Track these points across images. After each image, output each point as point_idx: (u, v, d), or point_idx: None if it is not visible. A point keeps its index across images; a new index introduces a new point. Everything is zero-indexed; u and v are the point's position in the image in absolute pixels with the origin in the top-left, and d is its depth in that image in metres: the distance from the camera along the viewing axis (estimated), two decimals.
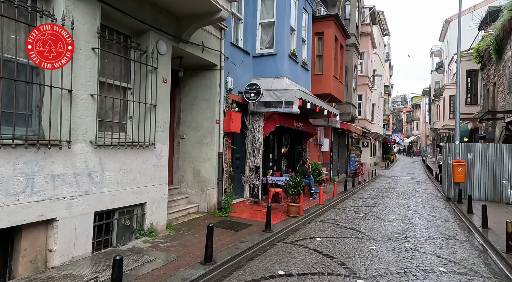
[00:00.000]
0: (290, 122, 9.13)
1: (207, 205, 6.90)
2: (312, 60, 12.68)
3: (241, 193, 8.36)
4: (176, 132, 7.24)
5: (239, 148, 8.29)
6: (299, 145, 11.44)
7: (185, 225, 5.90)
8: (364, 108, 22.67)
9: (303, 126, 10.11)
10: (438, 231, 6.45)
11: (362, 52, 22.39)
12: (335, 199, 10.23)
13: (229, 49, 7.41)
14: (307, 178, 10.02)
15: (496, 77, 13.80)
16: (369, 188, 14.29)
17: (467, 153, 10.87)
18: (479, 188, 10.63)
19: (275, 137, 10.21)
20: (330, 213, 8.06)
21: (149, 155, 5.06)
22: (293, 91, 7.66)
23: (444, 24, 31.24)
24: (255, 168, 8.29)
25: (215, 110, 6.94)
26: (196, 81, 7.11)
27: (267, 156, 9.55)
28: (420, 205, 9.78)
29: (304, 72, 9.77)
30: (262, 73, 8.41)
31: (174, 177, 7.18)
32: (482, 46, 15.55)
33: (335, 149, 17.36)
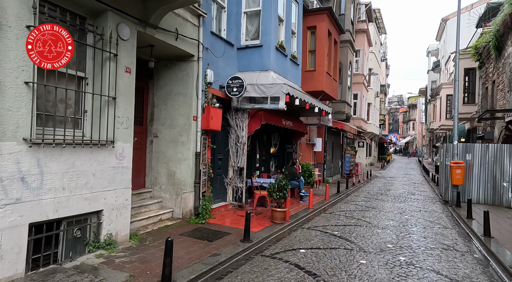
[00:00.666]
0: (278, 120, 8.48)
1: (182, 210, 6.24)
2: (304, 55, 12.07)
3: (223, 196, 7.71)
4: (149, 129, 6.56)
5: (222, 147, 7.64)
6: (290, 144, 10.82)
7: (153, 234, 5.23)
8: (360, 107, 22.12)
9: (293, 124, 9.47)
10: (436, 240, 5.84)
11: (358, 49, 21.83)
12: (327, 202, 9.62)
13: (209, 39, 6.75)
14: (296, 180, 9.40)
15: (495, 75, 13.28)
16: (363, 189, 13.71)
17: (466, 153, 10.32)
18: (478, 191, 10.08)
19: (263, 136, 9.56)
20: (319, 219, 7.44)
21: (106, 155, 4.39)
22: (279, 86, 7.02)
23: (441, 23, 30.83)
24: (239, 169, 7.64)
25: (192, 106, 6.27)
26: (171, 73, 6.44)
27: (253, 156, 8.91)
28: (416, 209, 9.20)
29: (293, 66, 9.13)
30: (247, 66, 7.76)
31: (147, 179, 6.50)
32: (480, 44, 15.04)
33: (329, 149, 16.77)
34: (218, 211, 7.19)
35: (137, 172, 6.32)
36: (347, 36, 16.64)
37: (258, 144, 9.29)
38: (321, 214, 8.05)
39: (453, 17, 29.89)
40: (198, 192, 6.34)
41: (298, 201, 9.35)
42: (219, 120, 6.67)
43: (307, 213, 7.84)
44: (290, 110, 9.89)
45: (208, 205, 6.43)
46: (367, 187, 14.83)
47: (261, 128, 9.02)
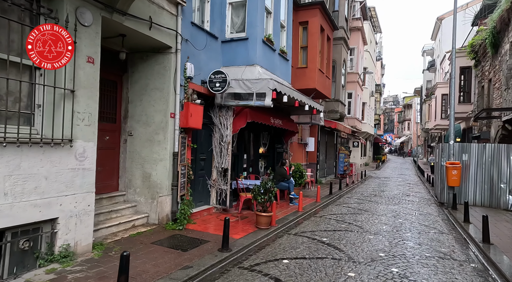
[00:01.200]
0: (266, 118, 8.01)
1: (158, 215, 5.74)
2: (295, 52, 11.63)
3: (206, 199, 7.22)
4: (123, 127, 6.05)
5: (205, 147, 7.15)
6: (280, 144, 10.36)
7: (122, 243, 4.73)
8: (354, 106, 21.76)
9: (283, 123, 9.01)
10: (431, 247, 5.42)
11: (352, 48, 21.46)
12: (318, 204, 9.17)
13: (189, 30, 6.25)
14: (286, 182, 8.94)
15: (492, 73, 12.96)
16: (357, 190, 13.30)
17: (462, 154, 9.96)
18: (475, 192, 9.72)
19: (251, 135, 9.09)
20: (308, 223, 6.98)
21: (63, 155, 3.88)
22: (265, 82, 6.55)
23: (436, 22, 30.64)
24: (223, 170, 7.16)
25: (169, 102, 5.77)
26: (147, 66, 5.94)
27: (240, 156, 8.43)
28: (411, 211, 8.79)
29: (282, 62, 8.67)
30: (232, 60, 7.27)
31: (120, 181, 5.99)
32: (476, 41, 14.72)
33: (323, 148, 16.35)
34: (199, 215, 6.69)
35: (109, 173, 5.81)
36: (341, 33, 16.24)
37: (245, 144, 8.81)
38: (311, 217, 7.60)
39: (448, 16, 29.71)
40: (175, 195, 5.84)
41: (287, 204, 8.90)
42: (199, 118, 6.18)
43: (296, 216, 7.38)
44: (279, 108, 9.44)
45: (187, 209, 5.94)
46: (361, 188, 14.43)
47: (249, 127, 8.55)
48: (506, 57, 10.90)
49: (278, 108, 9.27)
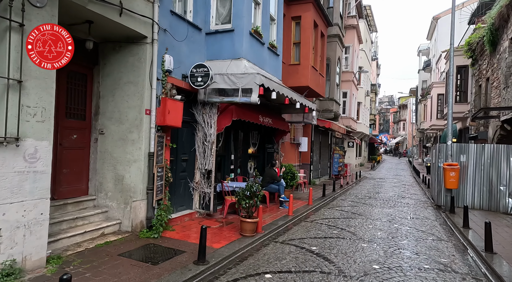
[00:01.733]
0: (254, 116, 7.51)
1: (131, 222, 5.21)
2: (288, 48, 11.15)
3: (188, 203, 6.69)
4: (94, 125, 5.50)
5: (187, 147, 6.63)
6: (271, 144, 9.86)
7: (85, 255, 4.19)
8: (349, 106, 21.36)
9: (273, 122, 8.51)
10: (430, 258, 4.96)
11: (347, 46, 21.07)
12: (310, 208, 8.70)
13: (168, 19, 5.72)
14: (276, 184, 8.45)
15: (490, 72, 12.61)
16: (351, 192, 12.87)
17: (460, 154, 9.56)
18: (473, 195, 9.32)
19: (239, 134, 8.58)
20: (298, 229, 6.49)
21: (7, 156, 3.34)
22: (251, 76, 6.04)
23: (432, 21, 30.42)
24: (206, 171, 6.64)
25: (144, 97, 5.24)
26: (120, 58, 5.40)
27: (226, 157, 7.92)
28: (407, 215, 8.36)
29: (272, 57, 8.17)
30: (217, 54, 6.76)
31: (90, 184, 5.44)
32: (473, 39, 14.38)
33: (316, 149, 15.90)
34: (180, 221, 6.17)
35: (78, 176, 5.26)
36: (335, 30, 15.80)
37: (233, 143, 8.30)
38: (301, 222, 7.12)
39: (444, 16, 29.49)
40: (151, 199, 5.31)
41: (277, 207, 8.41)
42: (179, 115, 5.65)
43: (285, 221, 6.90)
44: (269, 106, 8.95)
45: (165, 215, 5.41)
46: (356, 189, 14.01)
47: (237, 126, 8.05)
48: (505, 54, 10.54)
49: (268, 106, 8.78)
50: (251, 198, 5.63)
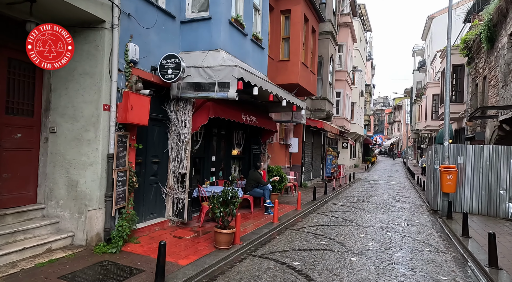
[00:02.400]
0: (235, 114, 6.85)
1: (86, 234, 4.51)
2: (276, 43, 10.56)
3: (160, 210, 6.01)
4: (44, 123, 4.79)
5: (159, 148, 5.95)
6: (257, 144, 9.21)
7: (18, 278, 3.48)
8: (343, 106, 20.83)
9: (258, 121, 7.86)
10: (428, 275, 4.35)
11: (341, 44, 20.55)
12: (298, 213, 8.08)
13: (134, 3, 5.05)
14: (261, 187, 7.81)
15: (487, 70, 12.14)
16: (344, 195, 12.28)
17: (457, 156, 9.02)
18: (471, 199, 8.78)
19: (221, 134, 7.93)
20: (281, 239, 5.85)
21: None
22: (229, 69, 5.39)
23: (427, 21, 30.11)
24: (180, 175, 5.97)
25: (102, 90, 4.55)
26: (74, 45, 4.70)
27: (206, 159, 7.25)
28: (401, 221, 7.77)
29: (256, 50, 7.53)
30: (193, 45, 6.10)
31: (39, 191, 4.73)
32: (470, 37, 13.93)
33: (308, 150, 15.31)
34: (149, 231, 5.48)
35: (23, 181, 4.55)
36: (328, 27, 15.24)
37: (215, 144, 7.65)
38: (286, 231, 6.48)
39: (439, 15, 29.20)
40: (109, 208, 4.62)
41: (262, 213, 7.77)
42: (145, 112, 4.98)
43: (269, 230, 6.25)
44: (255, 104, 8.31)
45: (127, 225, 4.72)
46: (348, 191, 13.43)
47: (219, 125, 7.41)
48: (504, 51, 10.05)
49: (253, 103, 8.15)
50: (227, 205, 4.98)
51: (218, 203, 4.94)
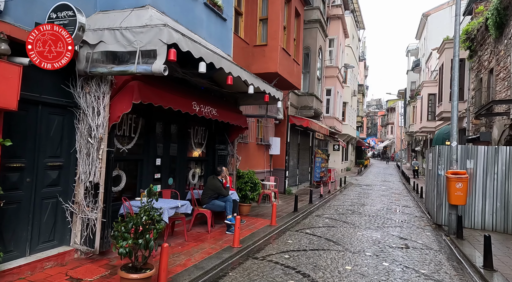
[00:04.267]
0: (181, 101, 5.08)
1: None
2: (253, 25, 8.92)
3: (63, 236, 4.22)
4: None
5: (62, 147, 4.18)
6: (223, 144, 7.48)
7: None
8: (334, 105, 19.27)
9: (220, 113, 6.12)
10: None
11: (332, 38, 19.02)
12: (271, 231, 6.38)
13: None
14: (222, 199, 6.08)
15: (494, 62, 10.66)
16: (332, 204, 10.63)
17: (466, 160, 7.44)
18: (483, 212, 7.20)
19: (173, 130, 6.18)
20: (234, 278, 4.11)
21: None
22: (155, 31, 3.66)
23: (422, 18, 28.90)
24: (92, 185, 4.19)
25: None
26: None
27: (147, 162, 5.49)
28: (400, 242, 6.12)
29: (214, 20, 5.82)
30: (113, 2, 4.36)
31: None
32: (473, 27, 12.49)
33: (294, 151, 13.64)
34: (32, 270, 3.67)
35: None
36: (316, 14, 13.67)
37: (162, 142, 5.90)
38: (246, 261, 4.74)
39: (434, 13, 28.01)
40: None
41: (224, 232, 6.03)
42: (11, 89, 3.20)
43: (221, 260, 4.52)
44: (219, 94, 6.61)
45: None
46: (338, 199, 11.78)
47: (168, 117, 5.68)
48: None
49: (216, 92, 6.43)
50: (142, 234, 3.23)
51: (125, 231, 3.19)
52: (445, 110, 15.20)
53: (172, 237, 5.44)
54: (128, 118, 5.08)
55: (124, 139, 5.03)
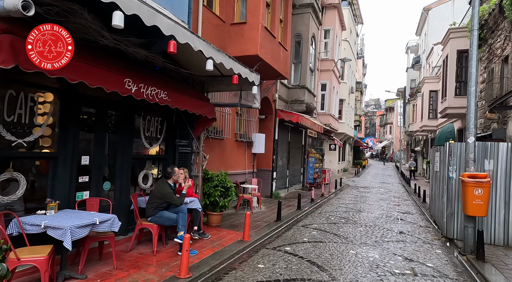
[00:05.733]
0: (102, 74, 3.63)
1: None
2: (230, 1, 7.56)
3: None
4: None
5: None
6: (186, 139, 6.06)
7: None
8: (329, 101, 17.91)
9: (173, 98, 4.69)
10: None
11: (327, 29, 17.67)
12: (241, 249, 4.97)
13: None
14: (173, 210, 4.67)
15: (509, 49, 9.31)
16: (323, 210, 9.24)
17: (484, 159, 6.07)
18: (506, 224, 5.83)
19: (110, 117, 4.76)
20: None
21: None
22: None
23: (423, 13, 27.60)
24: None
25: None
26: None
27: (64, 161, 4.06)
28: (405, 266, 4.72)
29: None
30: None
31: None
32: (484, 11, 11.14)
33: (283, 150, 12.24)
34: None
35: None
36: None
37: (93, 134, 4.48)
38: None
39: (436, 7, 26.73)
40: None
41: (175, 252, 4.62)
42: None
43: None
44: (180, 77, 5.18)
45: None
46: (331, 204, 10.39)
47: (110, 102, 4.26)
48: None
49: (172, 73, 5.00)
50: None
51: None
52: (450, 106, 13.83)
53: (99, 263, 4.02)
54: (29, 98, 3.65)
55: (23, 128, 3.60)
